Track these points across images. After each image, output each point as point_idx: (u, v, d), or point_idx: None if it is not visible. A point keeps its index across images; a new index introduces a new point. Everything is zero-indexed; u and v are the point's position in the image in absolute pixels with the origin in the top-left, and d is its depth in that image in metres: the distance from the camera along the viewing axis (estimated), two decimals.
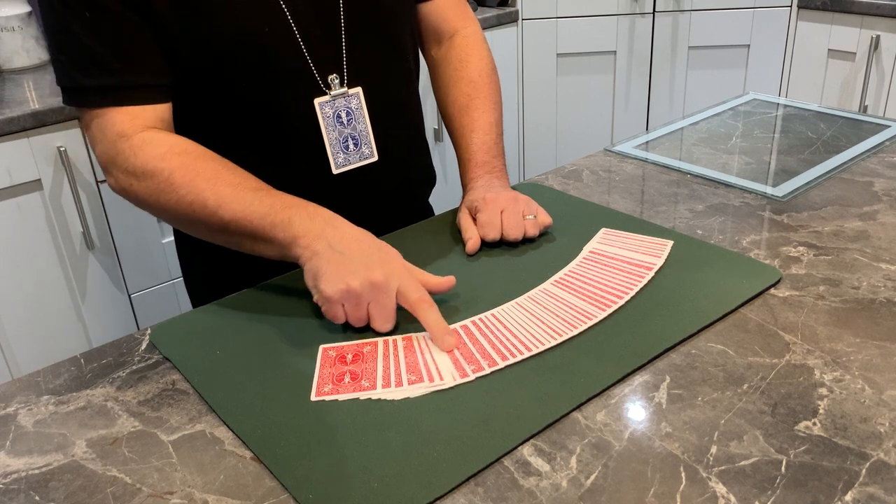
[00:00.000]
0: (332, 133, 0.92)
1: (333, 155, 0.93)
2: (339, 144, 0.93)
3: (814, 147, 1.17)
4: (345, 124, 0.92)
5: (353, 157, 0.94)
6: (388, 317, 0.74)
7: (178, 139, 0.83)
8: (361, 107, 0.93)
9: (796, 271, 0.83)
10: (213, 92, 0.86)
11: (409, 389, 0.67)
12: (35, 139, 1.53)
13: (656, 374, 0.68)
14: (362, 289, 0.73)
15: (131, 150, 0.81)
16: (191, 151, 0.82)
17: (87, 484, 0.59)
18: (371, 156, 0.96)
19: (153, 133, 0.82)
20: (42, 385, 0.72)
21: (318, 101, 0.90)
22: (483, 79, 1.03)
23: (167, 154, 0.81)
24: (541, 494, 0.56)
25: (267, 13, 0.84)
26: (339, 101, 0.91)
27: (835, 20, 2.12)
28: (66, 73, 0.82)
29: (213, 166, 0.81)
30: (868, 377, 0.66)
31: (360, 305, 0.74)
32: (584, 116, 2.44)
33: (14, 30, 1.76)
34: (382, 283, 0.73)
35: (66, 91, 0.83)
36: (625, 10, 2.28)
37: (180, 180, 0.80)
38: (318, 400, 0.67)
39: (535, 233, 0.90)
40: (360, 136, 0.94)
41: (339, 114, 0.92)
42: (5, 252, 1.56)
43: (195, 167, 0.81)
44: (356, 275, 0.73)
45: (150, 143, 0.81)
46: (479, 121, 1.00)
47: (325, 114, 0.91)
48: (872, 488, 0.55)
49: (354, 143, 0.94)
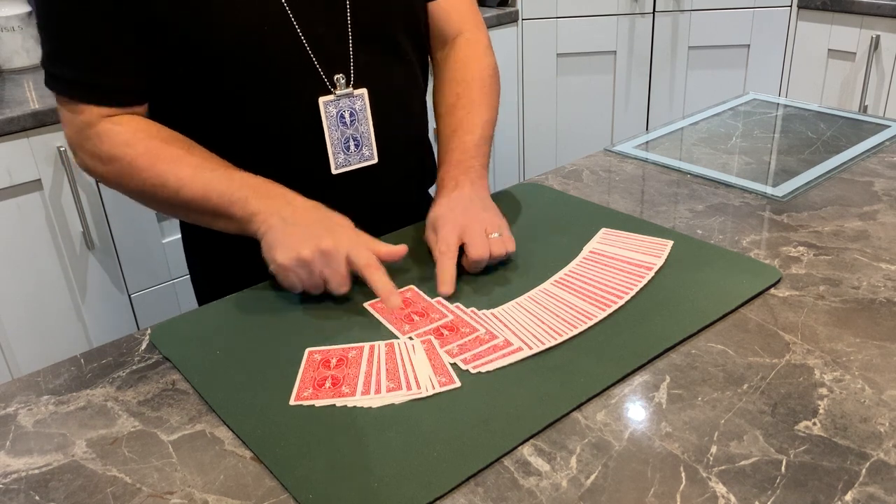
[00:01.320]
0: (335, 133, 0.92)
1: (334, 155, 0.93)
2: (341, 144, 0.93)
3: (814, 147, 1.17)
4: (347, 125, 0.92)
5: (353, 157, 0.94)
6: (340, 280, 0.78)
7: (145, 124, 0.86)
8: (365, 108, 0.93)
9: (796, 271, 0.83)
10: (215, 89, 0.87)
11: (388, 397, 0.67)
12: (35, 139, 1.53)
13: (656, 374, 0.68)
14: (313, 256, 0.77)
15: (97, 136, 0.84)
16: (155, 135, 0.85)
17: (87, 484, 0.59)
18: (371, 158, 0.95)
19: (119, 119, 0.85)
20: (42, 385, 0.72)
21: (323, 100, 0.90)
22: (476, 81, 1.01)
23: (132, 140, 0.84)
24: (541, 494, 0.56)
25: (268, 12, 0.84)
26: (343, 101, 0.91)
27: (835, 20, 2.12)
28: (46, 56, 0.84)
29: (176, 149, 0.84)
30: (868, 377, 0.66)
31: (312, 272, 0.78)
32: (584, 116, 2.44)
33: (14, 30, 1.76)
34: (332, 249, 0.78)
35: (46, 73, 0.85)
36: (625, 10, 2.28)
37: (143, 164, 0.83)
38: (297, 405, 0.66)
39: (502, 253, 0.84)
40: (361, 138, 0.94)
41: (343, 114, 0.92)
42: (5, 252, 1.56)
43: (158, 151, 0.84)
44: (307, 243, 0.77)
45: (116, 129, 0.84)
46: (464, 121, 0.97)
47: (328, 113, 0.91)
48: (872, 488, 0.55)
49: (356, 144, 0.94)
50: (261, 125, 0.89)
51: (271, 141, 0.90)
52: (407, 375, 0.69)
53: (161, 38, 0.82)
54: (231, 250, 0.91)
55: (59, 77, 0.84)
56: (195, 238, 1.03)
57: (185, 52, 0.83)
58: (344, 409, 0.65)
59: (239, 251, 0.87)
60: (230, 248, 0.90)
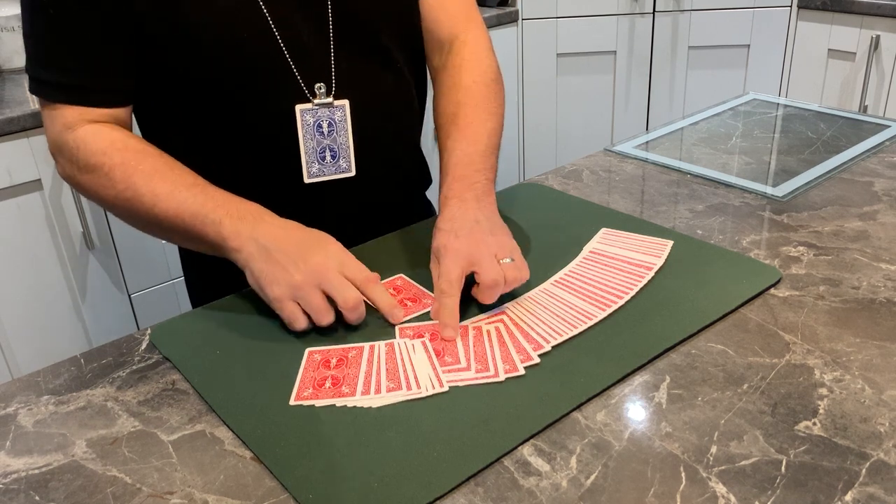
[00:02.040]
0: (310, 142, 0.90)
1: (308, 164, 0.91)
2: (316, 154, 0.90)
3: (814, 147, 1.17)
4: (324, 135, 0.90)
5: (328, 168, 0.92)
6: (346, 291, 0.74)
7: (121, 134, 0.84)
8: (346, 119, 0.91)
9: (796, 271, 0.83)
10: (191, 93, 0.86)
11: (388, 397, 0.66)
12: (35, 139, 1.53)
13: (656, 374, 0.68)
14: (306, 277, 0.73)
15: (75, 142, 0.83)
16: (131, 147, 0.83)
17: (87, 484, 0.59)
18: (348, 170, 0.93)
19: (97, 127, 0.83)
20: (42, 385, 0.72)
21: (300, 108, 0.88)
22: (477, 86, 0.93)
23: (109, 149, 0.82)
24: (541, 494, 0.56)
25: (246, 17, 0.83)
26: (321, 111, 0.89)
27: (835, 20, 2.12)
28: (30, 62, 0.83)
29: (152, 163, 0.82)
30: (868, 377, 0.66)
31: (312, 295, 0.73)
32: (584, 116, 2.44)
33: (14, 30, 1.76)
34: (323, 264, 0.74)
35: (30, 79, 0.84)
36: (625, 10, 2.28)
37: (119, 176, 0.81)
38: (297, 404, 0.66)
39: (517, 278, 0.76)
40: (339, 149, 0.91)
41: (321, 123, 0.89)
42: (5, 252, 1.56)
43: (134, 163, 0.81)
44: (296, 267, 0.74)
45: (93, 137, 0.82)
46: (466, 130, 0.89)
47: (304, 121, 0.89)
48: (872, 488, 0.55)
49: (332, 155, 0.91)
50: (235, 130, 0.88)
51: (245, 146, 0.89)
52: (407, 375, 0.69)
53: (139, 41, 0.82)
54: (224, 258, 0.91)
55: (42, 80, 0.83)
56: None
57: (163, 56, 0.83)
58: (344, 409, 0.65)
59: None
60: None
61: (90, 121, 0.83)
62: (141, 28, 0.81)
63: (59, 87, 0.82)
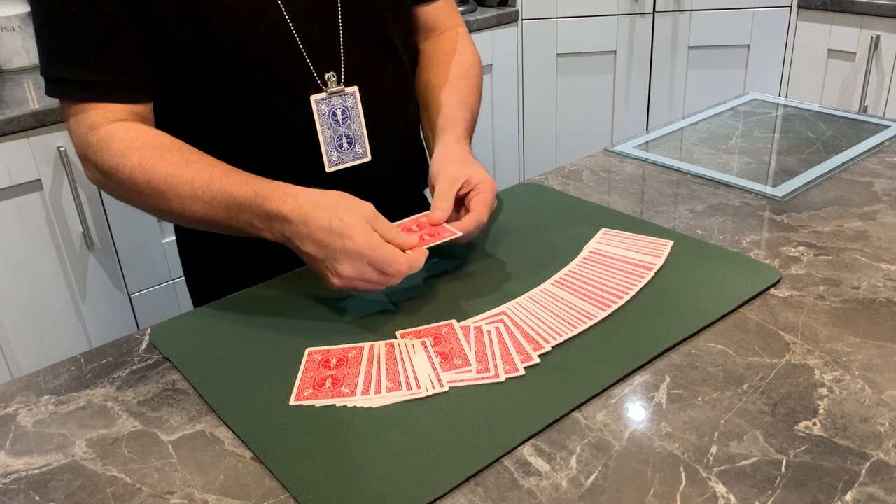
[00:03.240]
0: (327, 131, 0.92)
1: (327, 153, 0.93)
2: (334, 142, 0.93)
3: (814, 147, 1.17)
4: (339, 122, 0.92)
5: (346, 155, 0.94)
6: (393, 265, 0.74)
7: (142, 131, 0.83)
8: (357, 106, 0.93)
9: (796, 271, 0.83)
10: (209, 87, 0.87)
11: (388, 397, 0.67)
12: (35, 139, 1.53)
13: (656, 374, 0.68)
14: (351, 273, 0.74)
15: (98, 144, 0.82)
16: (150, 145, 0.82)
17: (87, 484, 0.59)
18: (364, 155, 0.96)
19: (119, 125, 0.83)
20: (42, 385, 0.72)
21: (315, 98, 0.90)
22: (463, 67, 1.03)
23: (127, 150, 0.82)
24: (541, 494, 0.56)
25: (263, 10, 0.84)
26: (335, 99, 0.91)
27: (835, 20, 2.12)
28: (50, 64, 0.83)
29: (170, 162, 0.81)
30: (868, 377, 0.66)
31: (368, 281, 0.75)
32: (584, 116, 2.44)
33: (14, 30, 1.76)
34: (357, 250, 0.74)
35: (49, 82, 0.84)
36: (625, 10, 2.28)
37: (141, 179, 0.81)
38: (297, 404, 0.66)
39: None
40: (354, 135, 0.94)
41: (335, 111, 0.92)
42: (5, 252, 1.56)
43: (153, 164, 0.81)
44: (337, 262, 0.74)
45: (113, 137, 0.82)
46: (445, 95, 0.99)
47: (320, 111, 0.91)
48: (872, 488, 0.55)
49: (349, 142, 0.94)
50: (254, 123, 0.89)
51: (265, 139, 0.90)
52: (407, 375, 0.69)
53: (155, 35, 0.82)
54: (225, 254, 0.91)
55: (65, 81, 0.82)
56: (190, 241, 1.03)
57: (180, 49, 0.83)
58: (344, 409, 0.65)
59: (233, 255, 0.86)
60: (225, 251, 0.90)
61: (113, 119, 0.83)
62: (162, 24, 0.81)
63: (86, 85, 0.82)
